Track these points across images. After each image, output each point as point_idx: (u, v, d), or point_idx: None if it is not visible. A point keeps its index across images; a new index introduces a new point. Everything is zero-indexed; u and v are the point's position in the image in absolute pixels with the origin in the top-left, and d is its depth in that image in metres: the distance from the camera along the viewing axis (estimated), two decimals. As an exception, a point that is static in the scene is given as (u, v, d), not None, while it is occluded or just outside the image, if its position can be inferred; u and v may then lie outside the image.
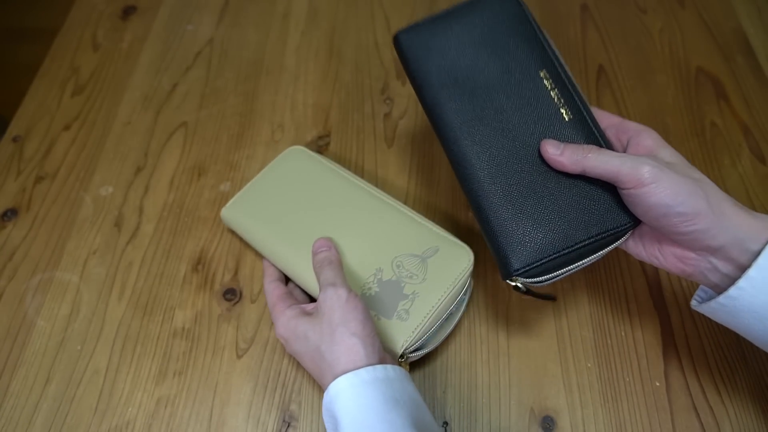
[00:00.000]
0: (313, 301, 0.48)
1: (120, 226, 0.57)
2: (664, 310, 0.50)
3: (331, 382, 0.38)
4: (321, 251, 0.46)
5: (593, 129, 0.42)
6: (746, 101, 0.63)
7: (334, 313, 0.40)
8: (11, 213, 0.58)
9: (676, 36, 0.69)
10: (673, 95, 0.64)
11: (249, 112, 0.65)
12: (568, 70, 0.44)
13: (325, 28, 0.72)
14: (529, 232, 0.40)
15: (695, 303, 0.40)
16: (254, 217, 0.52)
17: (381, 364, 0.39)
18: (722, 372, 0.47)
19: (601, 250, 0.41)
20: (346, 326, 0.39)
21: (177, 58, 0.70)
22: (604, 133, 0.42)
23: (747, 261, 0.35)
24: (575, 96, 0.43)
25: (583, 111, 0.42)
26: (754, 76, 0.65)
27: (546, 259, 0.40)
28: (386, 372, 0.38)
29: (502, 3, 0.46)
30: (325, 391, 0.38)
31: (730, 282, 0.36)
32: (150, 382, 0.48)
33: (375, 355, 0.39)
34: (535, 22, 0.45)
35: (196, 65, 0.70)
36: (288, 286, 0.50)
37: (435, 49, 0.45)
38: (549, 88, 0.43)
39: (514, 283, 0.40)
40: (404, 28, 0.47)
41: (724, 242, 0.36)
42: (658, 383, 0.47)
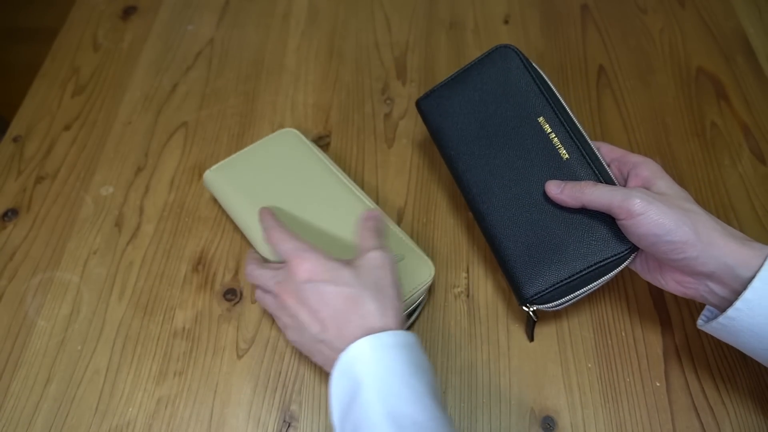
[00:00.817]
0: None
1: (120, 226, 0.57)
2: (664, 310, 0.50)
3: (358, 337, 0.37)
4: (370, 215, 0.47)
5: (591, 165, 0.46)
6: (746, 101, 0.63)
7: (387, 272, 0.41)
8: (12, 213, 0.58)
9: (677, 36, 0.69)
10: (674, 95, 0.64)
11: (249, 112, 0.65)
12: (569, 110, 0.48)
13: (326, 29, 0.72)
14: (537, 265, 0.45)
15: (701, 322, 0.41)
16: (234, 186, 0.53)
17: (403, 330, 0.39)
18: (722, 372, 0.47)
19: (606, 275, 0.44)
20: (395, 288, 0.41)
21: (177, 58, 0.70)
22: (605, 167, 0.46)
23: (739, 287, 0.37)
24: (573, 136, 0.47)
25: (581, 149, 0.46)
26: (754, 76, 0.65)
27: (552, 287, 0.44)
28: (407, 338, 0.39)
29: (502, 59, 0.50)
30: (342, 351, 0.37)
31: (728, 304, 0.38)
32: (150, 382, 0.48)
33: (402, 323, 0.41)
34: (532, 68, 0.49)
35: (197, 65, 0.70)
36: None
37: (448, 112, 0.51)
38: (548, 132, 0.47)
39: (528, 310, 0.45)
40: (423, 95, 0.53)
41: (714, 269, 0.38)
42: (658, 383, 0.47)
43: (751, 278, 0.37)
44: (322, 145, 0.62)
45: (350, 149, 0.61)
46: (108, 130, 0.64)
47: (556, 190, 0.45)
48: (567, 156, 0.46)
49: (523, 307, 0.46)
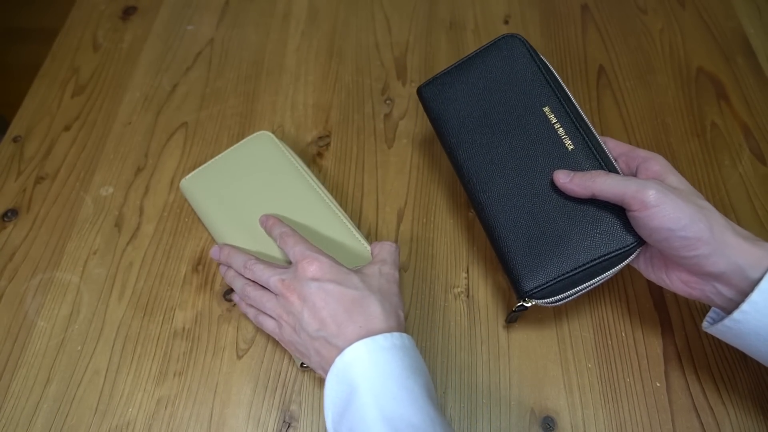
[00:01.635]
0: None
1: (120, 226, 0.57)
2: (664, 310, 0.50)
3: (359, 337, 0.38)
4: (391, 245, 0.47)
5: (597, 156, 0.44)
6: (747, 101, 0.63)
7: (392, 284, 0.43)
8: (11, 213, 0.58)
9: (677, 36, 0.69)
10: (674, 95, 0.64)
11: (249, 112, 0.65)
12: (574, 101, 0.47)
13: (326, 29, 0.72)
14: (538, 257, 0.43)
15: (706, 324, 0.41)
16: (207, 195, 0.54)
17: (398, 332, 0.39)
18: (722, 372, 0.47)
19: (611, 269, 0.43)
20: (399, 298, 0.43)
21: (177, 59, 0.70)
22: (611, 159, 0.44)
23: (748, 287, 0.37)
24: (579, 127, 0.45)
25: (587, 140, 0.45)
26: (754, 76, 0.65)
27: (554, 281, 0.43)
28: (402, 340, 0.39)
29: (509, 47, 0.49)
30: (338, 355, 0.38)
31: (734, 306, 0.37)
32: (150, 382, 0.48)
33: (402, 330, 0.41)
34: (539, 58, 0.48)
35: (197, 65, 0.70)
36: None
37: (451, 100, 0.50)
38: (553, 122, 0.46)
39: (527, 305, 0.44)
40: (425, 82, 0.52)
41: (725, 269, 0.37)
42: (658, 383, 0.47)
43: (759, 279, 0.36)
44: (322, 146, 0.62)
45: (350, 149, 0.61)
46: (108, 131, 0.64)
47: (564, 178, 0.43)
48: (572, 146, 0.45)
49: (523, 302, 0.44)
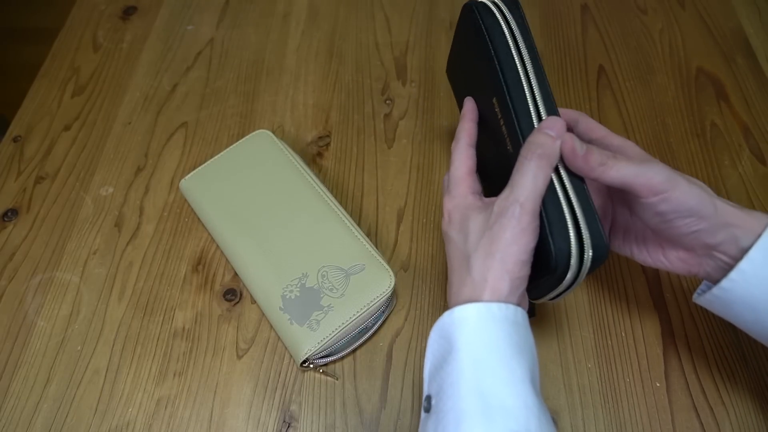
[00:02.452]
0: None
1: (120, 226, 0.57)
2: (664, 310, 0.50)
3: (461, 303, 0.35)
4: (548, 133, 0.37)
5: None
6: (746, 102, 0.63)
7: (505, 232, 0.35)
8: (11, 213, 0.58)
9: (677, 36, 0.69)
10: (674, 95, 0.64)
11: (249, 112, 0.65)
12: (533, 86, 0.39)
13: (326, 29, 0.72)
14: None
15: (696, 296, 0.40)
16: (206, 195, 0.54)
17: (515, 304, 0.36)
18: (722, 372, 0.47)
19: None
20: (506, 254, 0.35)
21: (177, 59, 0.70)
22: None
23: (740, 255, 0.36)
24: (518, 127, 0.38)
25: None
26: (754, 76, 0.65)
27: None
28: (516, 315, 0.36)
29: (467, 16, 0.43)
30: (447, 310, 0.36)
31: None
32: (150, 382, 0.48)
33: (514, 297, 0.36)
34: (499, 28, 0.40)
35: (197, 65, 0.70)
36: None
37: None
38: (498, 117, 0.40)
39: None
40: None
41: (722, 239, 0.37)
42: (658, 383, 0.47)
43: (750, 247, 0.35)
44: (322, 146, 0.62)
45: (350, 149, 0.61)
46: (108, 131, 0.64)
47: (579, 149, 0.36)
48: (511, 150, 0.39)
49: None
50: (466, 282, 0.36)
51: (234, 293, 0.52)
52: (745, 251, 0.36)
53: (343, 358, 0.49)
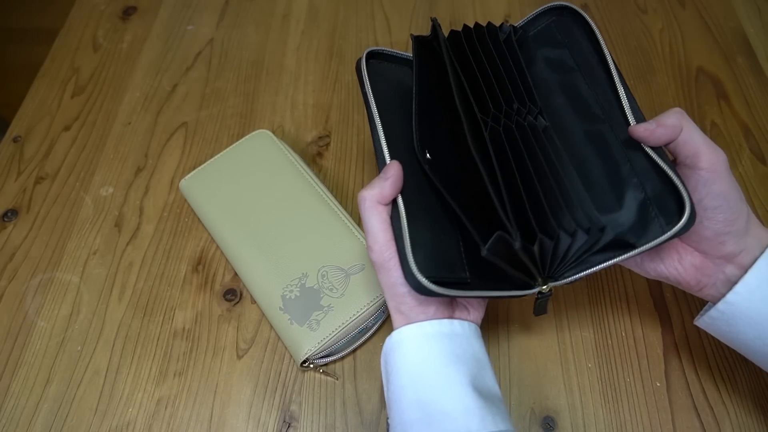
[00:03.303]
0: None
1: (120, 226, 0.57)
2: (664, 310, 0.50)
3: (398, 327, 0.38)
4: (361, 194, 0.39)
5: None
6: (746, 101, 0.63)
7: (381, 280, 0.38)
8: (11, 213, 0.58)
9: (677, 36, 0.69)
10: (674, 95, 0.64)
11: (249, 112, 0.65)
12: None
13: (326, 28, 0.72)
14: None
15: (698, 318, 0.40)
16: (206, 195, 0.54)
17: (450, 318, 0.38)
18: (723, 372, 0.47)
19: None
20: (396, 294, 0.38)
21: (177, 59, 0.70)
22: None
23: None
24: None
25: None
26: (754, 76, 0.65)
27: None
28: (452, 327, 0.38)
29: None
30: (386, 338, 0.39)
31: None
32: (150, 382, 0.48)
33: (445, 311, 0.39)
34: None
35: (197, 65, 0.70)
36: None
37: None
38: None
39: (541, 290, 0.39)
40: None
41: (743, 248, 0.37)
42: (658, 383, 0.47)
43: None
44: (322, 146, 0.62)
45: (350, 149, 0.61)
46: (108, 131, 0.64)
47: (650, 125, 0.37)
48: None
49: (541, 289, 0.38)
50: (395, 312, 0.39)
51: (234, 293, 0.52)
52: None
53: (343, 358, 0.49)
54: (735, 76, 0.65)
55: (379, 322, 0.49)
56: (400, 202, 0.37)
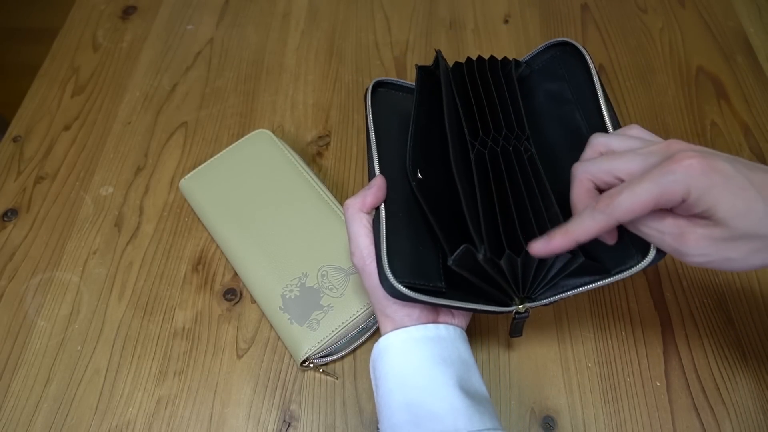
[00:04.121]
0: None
1: (120, 226, 0.57)
2: (664, 309, 0.50)
3: (386, 332, 0.39)
4: (346, 203, 0.41)
5: None
6: (746, 101, 0.63)
7: (365, 284, 0.40)
8: (11, 213, 0.58)
9: (677, 36, 0.69)
10: (674, 95, 0.64)
11: (249, 112, 0.65)
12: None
13: (326, 28, 0.72)
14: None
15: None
16: (206, 195, 0.55)
17: (435, 323, 0.39)
18: (723, 372, 0.47)
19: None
20: (378, 298, 0.39)
21: (177, 58, 0.70)
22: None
23: None
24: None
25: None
26: (754, 75, 0.65)
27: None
28: (438, 331, 0.39)
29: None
30: (374, 345, 0.39)
31: None
32: (150, 382, 0.48)
33: (429, 316, 0.39)
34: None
35: (197, 65, 0.70)
36: None
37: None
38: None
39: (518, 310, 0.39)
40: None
41: None
42: (658, 383, 0.47)
43: None
44: (321, 145, 0.62)
45: (350, 149, 0.61)
46: (108, 130, 0.64)
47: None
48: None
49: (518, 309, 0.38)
50: (381, 316, 0.40)
51: (234, 293, 0.53)
52: None
53: (343, 357, 0.49)
54: (735, 75, 0.65)
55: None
56: (382, 211, 0.39)
